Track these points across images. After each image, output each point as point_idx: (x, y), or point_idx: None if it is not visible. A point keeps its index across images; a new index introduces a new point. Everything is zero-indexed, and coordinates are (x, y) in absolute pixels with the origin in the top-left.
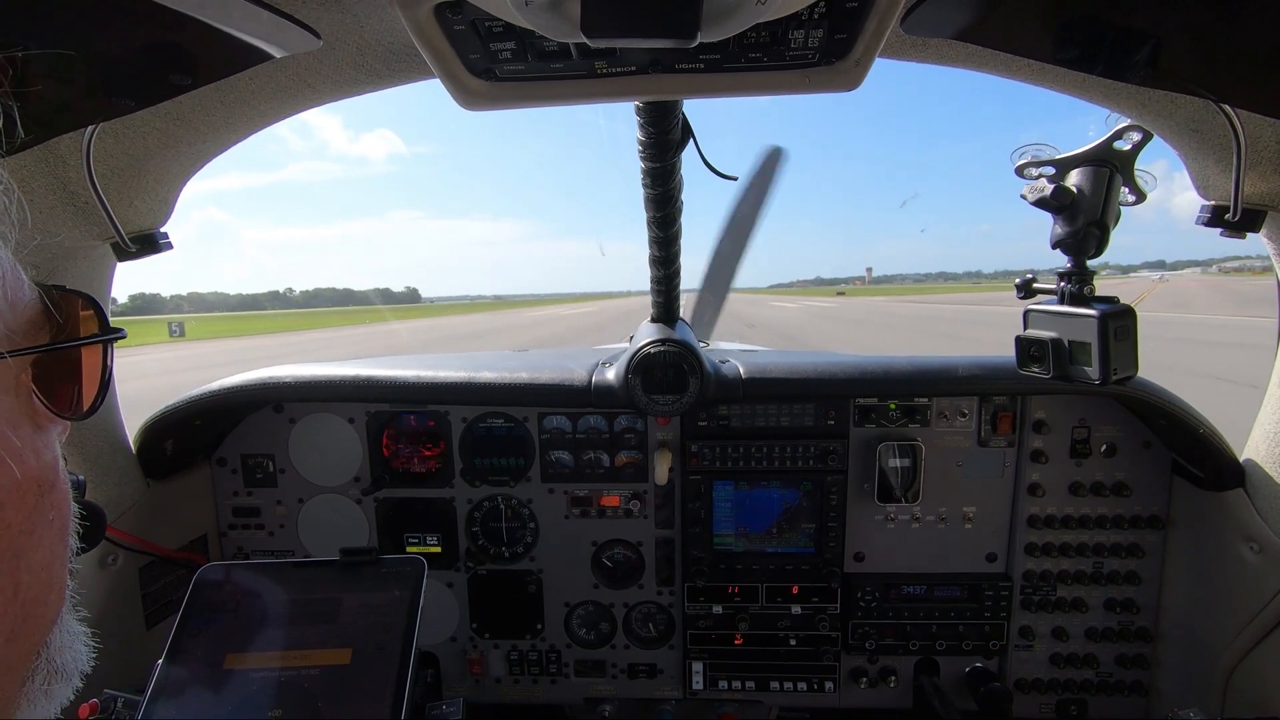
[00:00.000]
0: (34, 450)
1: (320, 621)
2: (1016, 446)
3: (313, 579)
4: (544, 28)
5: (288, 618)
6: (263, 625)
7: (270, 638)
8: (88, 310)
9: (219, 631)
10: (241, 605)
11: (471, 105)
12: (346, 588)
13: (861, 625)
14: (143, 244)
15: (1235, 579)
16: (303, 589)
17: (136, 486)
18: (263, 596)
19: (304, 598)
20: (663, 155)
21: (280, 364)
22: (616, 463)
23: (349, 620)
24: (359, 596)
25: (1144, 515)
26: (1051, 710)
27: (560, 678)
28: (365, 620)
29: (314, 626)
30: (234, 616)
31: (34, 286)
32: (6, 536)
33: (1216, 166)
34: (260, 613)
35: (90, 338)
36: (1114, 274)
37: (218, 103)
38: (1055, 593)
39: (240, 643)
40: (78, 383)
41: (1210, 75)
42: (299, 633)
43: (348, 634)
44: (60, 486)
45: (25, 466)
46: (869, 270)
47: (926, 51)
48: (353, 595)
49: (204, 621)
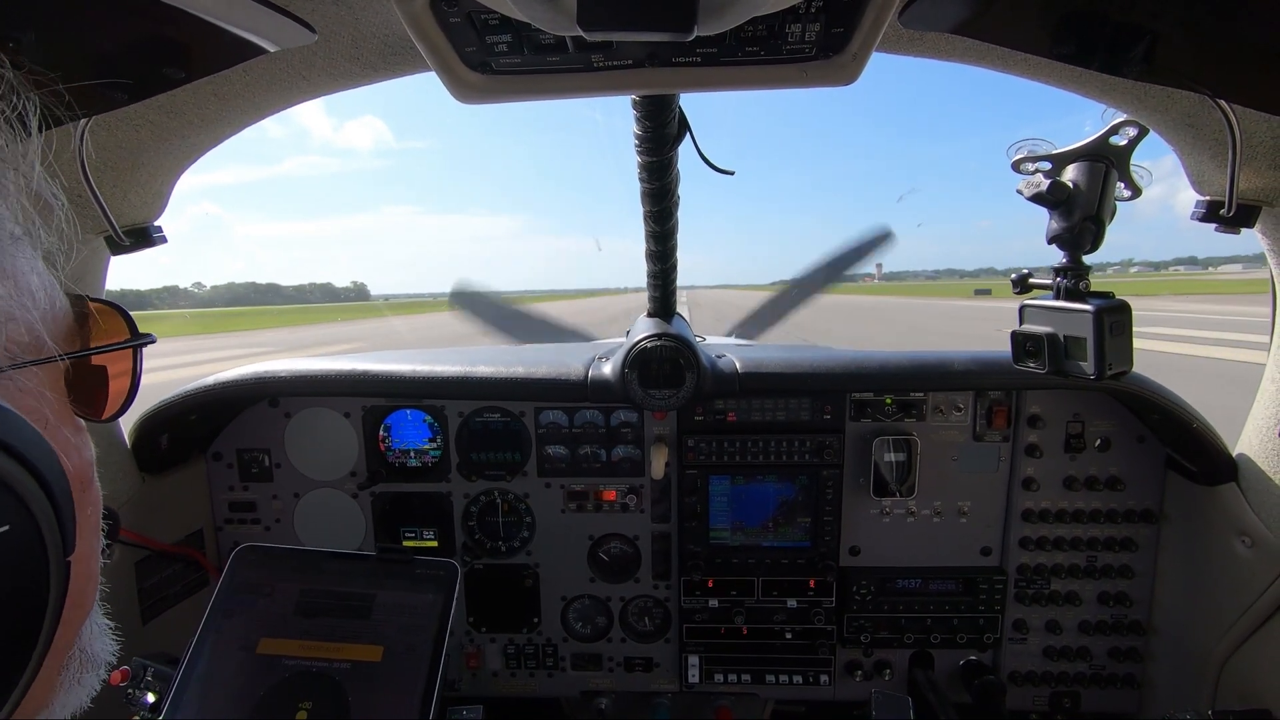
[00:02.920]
0: (76, 449)
1: (353, 616)
2: (1011, 441)
3: (347, 572)
4: (540, 21)
5: (322, 608)
6: (297, 613)
7: (303, 626)
8: (116, 317)
9: (254, 614)
10: (276, 590)
11: (467, 99)
12: (380, 585)
13: (857, 619)
14: (136, 237)
15: (1227, 573)
16: (337, 581)
17: (132, 481)
18: (298, 584)
19: (338, 590)
20: (659, 149)
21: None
22: (613, 457)
23: (381, 618)
24: (393, 595)
25: (1137, 509)
26: (1045, 703)
27: (557, 671)
28: (398, 620)
29: (347, 620)
30: (269, 600)
31: (66, 296)
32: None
33: (1211, 162)
34: (295, 600)
35: (126, 342)
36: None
37: (211, 96)
38: (1049, 586)
39: (274, 628)
40: (104, 387)
41: (1206, 70)
42: (332, 625)
43: (380, 632)
44: (95, 484)
45: (71, 462)
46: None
47: (924, 46)
48: (387, 593)
49: (239, 602)
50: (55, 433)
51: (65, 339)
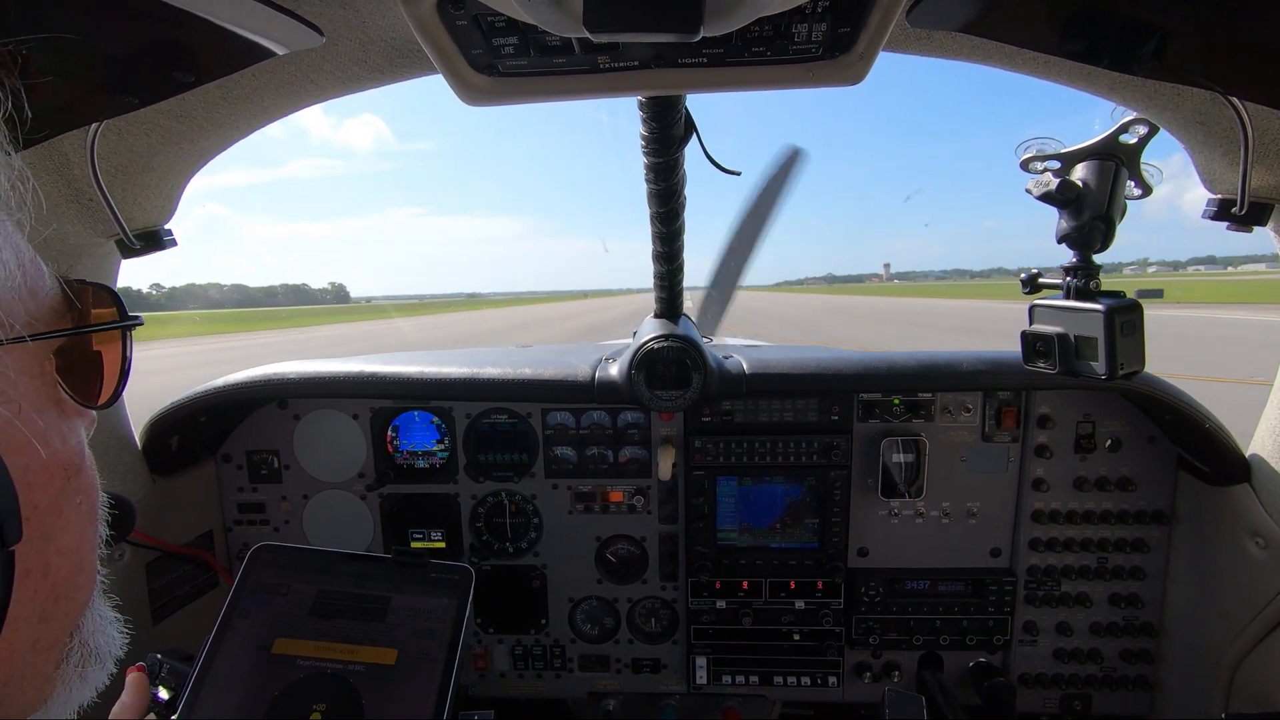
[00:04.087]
0: (59, 435)
1: (369, 618)
2: (1021, 441)
3: (363, 574)
4: (546, 22)
5: (337, 610)
6: (313, 613)
7: (319, 627)
8: (105, 301)
9: (270, 614)
10: (293, 590)
11: (474, 101)
12: (395, 588)
13: (865, 620)
14: (147, 241)
15: (1240, 574)
16: (353, 583)
17: (142, 483)
18: (313, 584)
19: (354, 592)
20: (666, 150)
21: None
22: (620, 458)
23: (396, 621)
24: (408, 599)
25: (1149, 510)
26: (1055, 705)
27: (564, 672)
28: (413, 624)
29: (362, 623)
30: (285, 600)
31: (54, 277)
32: (35, 517)
33: (1223, 160)
34: (311, 600)
35: (110, 324)
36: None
37: (220, 99)
38: (1059, 588)
39: (290, 628)
40: (99, 372)
41: (1217, 67)
42: (347, 626)
43: (394, 635)
44: (87, 472)
45: (51, 449)
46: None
47: (931, 45)
48: (402, 596)
49: (255, 601)
50: (28, 418)
51: (47, 322)
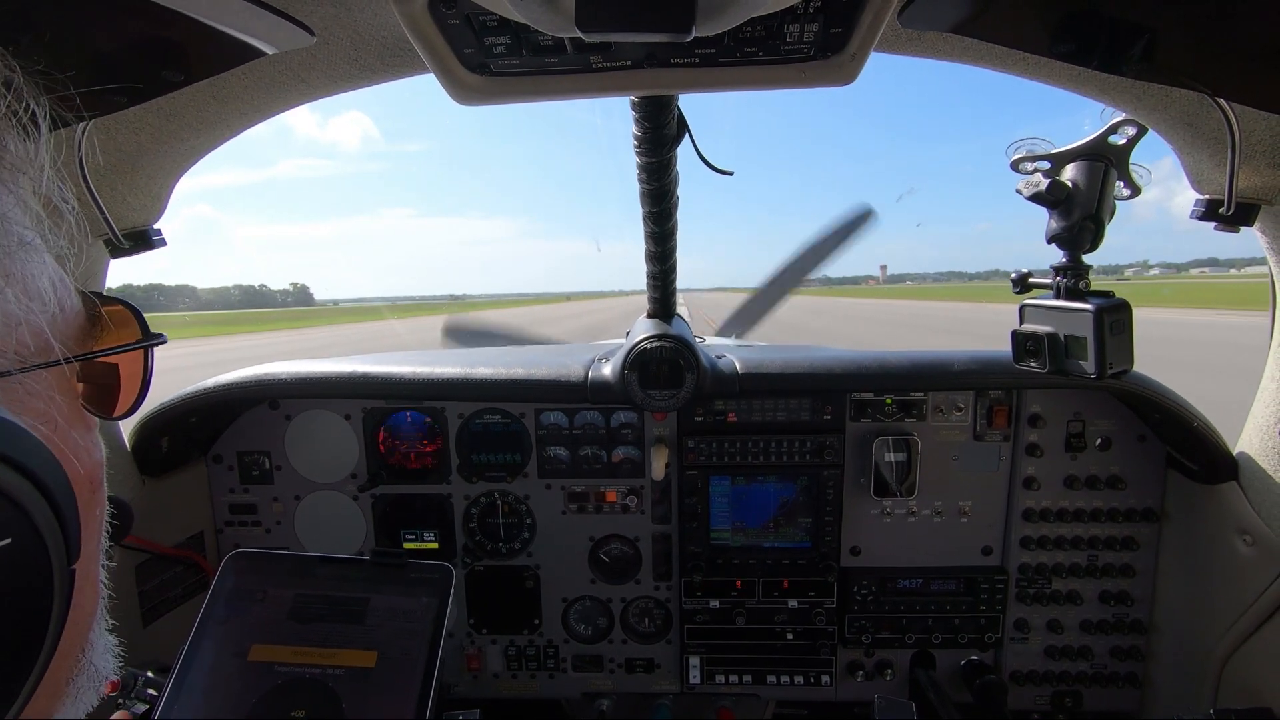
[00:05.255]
0: (87, 449)
1: (348, 620)
2: (1012, 440)
3: (341, 576)
4: (538, 22)
5: (315, 614)
6: (289, 618)
7: (296, 632)
8: (128, 316)
9: (245, 620)
10: (269, 595)
11: (466, 100)
12: (374, 589)
13: (858, 619)
14: (136, 240)
15: (1229, 571)
16: (331, 586)
17: (132, 484)
18: (291, 589)
19: (332, 595)
20: (658, 150)
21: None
22: (613, 458)
23: (375, 623)
24: (387, 599)
25: (1138, 508)
26: (1046, 702)
27: (558, 673)
28: (392, 624)
29: (341, 626)
30: (261, 606)
31: (79, 294)
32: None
33: (1210, 160)
34: (287, 605)
35: (139, 343)
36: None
37: (210, 98)
38: (1050, 586)
39: (266, 634)
40: (116, 385)
41: (1205, 69)
42: (325, 630)
43: (374, 637)
44: (104, 486)
45: (83, 463)
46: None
47: (922, 45)
48: (380, 597)
49: (230, 609)
50: (65, 435)
51: (77, 339)
